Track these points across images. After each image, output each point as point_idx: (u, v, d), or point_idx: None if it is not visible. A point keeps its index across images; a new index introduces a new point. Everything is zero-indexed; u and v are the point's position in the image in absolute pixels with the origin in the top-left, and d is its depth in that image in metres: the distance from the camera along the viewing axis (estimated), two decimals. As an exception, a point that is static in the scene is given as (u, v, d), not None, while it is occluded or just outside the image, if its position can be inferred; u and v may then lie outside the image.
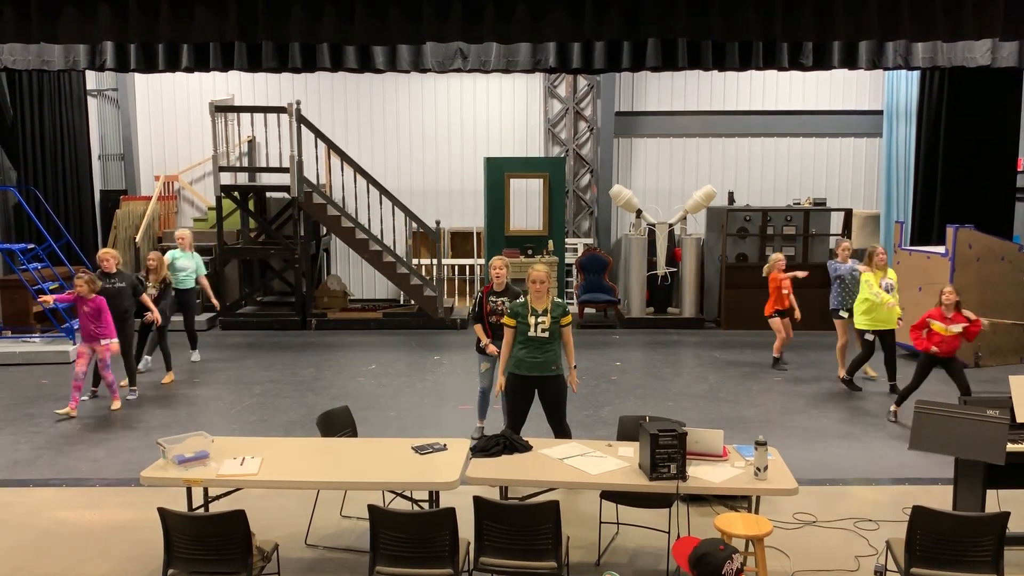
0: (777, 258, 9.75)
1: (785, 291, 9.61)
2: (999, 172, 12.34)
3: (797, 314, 9.71)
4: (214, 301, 10.49)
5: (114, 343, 8.28)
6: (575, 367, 6.30)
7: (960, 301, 7.46)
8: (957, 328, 7.36)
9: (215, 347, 11.44)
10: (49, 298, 8.87)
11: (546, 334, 6.02)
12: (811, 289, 10.64)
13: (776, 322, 9.77)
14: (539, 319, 6.01)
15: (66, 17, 8.47)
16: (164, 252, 9.92)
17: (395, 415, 8.25)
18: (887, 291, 8.46)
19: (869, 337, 8.65)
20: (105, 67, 8.67)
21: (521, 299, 6.16)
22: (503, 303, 6.99)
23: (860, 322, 8.64)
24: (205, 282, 10.23)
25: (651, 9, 8.44)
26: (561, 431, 6.15)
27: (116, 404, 8.45)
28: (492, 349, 7.01)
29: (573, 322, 6.30)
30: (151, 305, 8.97)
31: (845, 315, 9.11)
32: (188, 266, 9.97)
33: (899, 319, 8.55)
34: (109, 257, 8.74)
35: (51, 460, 7.03)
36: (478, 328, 7.15)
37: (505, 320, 6.16)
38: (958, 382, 7.60)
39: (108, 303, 8.46)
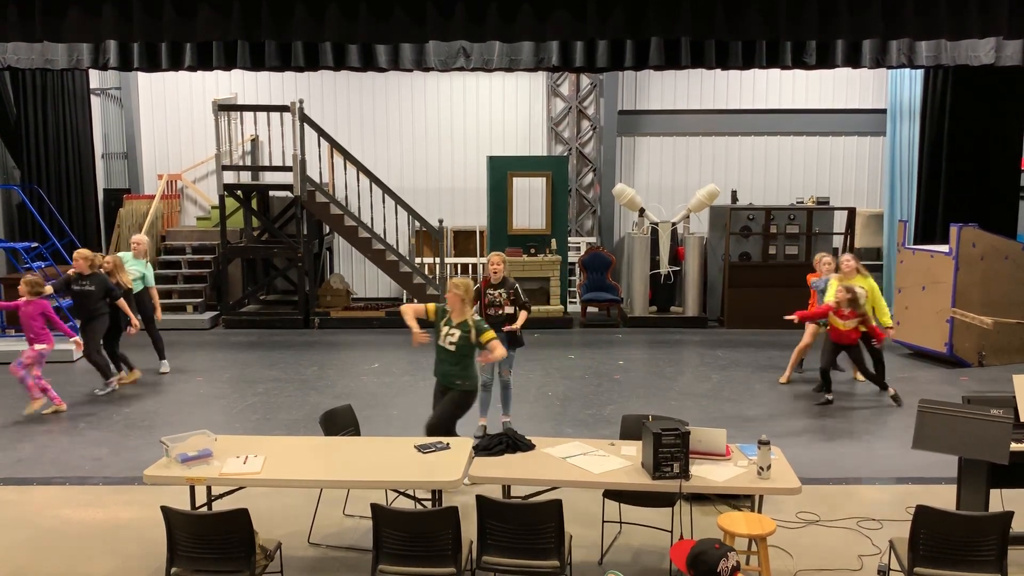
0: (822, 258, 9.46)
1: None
2: (1003, 171, 12.32)
3: None
4: (134, 322, 9.08)
5: (44, 348, 8.14)
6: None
7: (854, 299, 8.00)
8: (852, 323, 8.09)
9: (218, 346, 11.46)
10: None
11: (452, 347, 5.90)
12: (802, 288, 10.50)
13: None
14: (450, 331, 5.92)
15: (70, 16, 8.49)
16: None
17: (398, 414, 8.25)
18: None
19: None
20: (108, 66, 8.70)
21: (443, 304, 6.06)
22: (500, 295, 7.25)
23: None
24: (154, 293, 9.61)
25: (654, 8, 8.44)
26: (434, 428, 5.98)
27: (35, 406, 8.10)
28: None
29: (579, 321, 6.30)
30: (127, 310, 8.78)
31: (823, 327, 8.89)
32: (134, 273, 9.37)
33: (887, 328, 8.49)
34: (79, 258, 8.60)
35: (54, 458, 7.04)
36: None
37: (428, 305, 6.11)
38: (856, 362, 8.54)
39: (77, 304, 8.46)
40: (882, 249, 13.73)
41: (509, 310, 7.24)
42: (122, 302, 8.81)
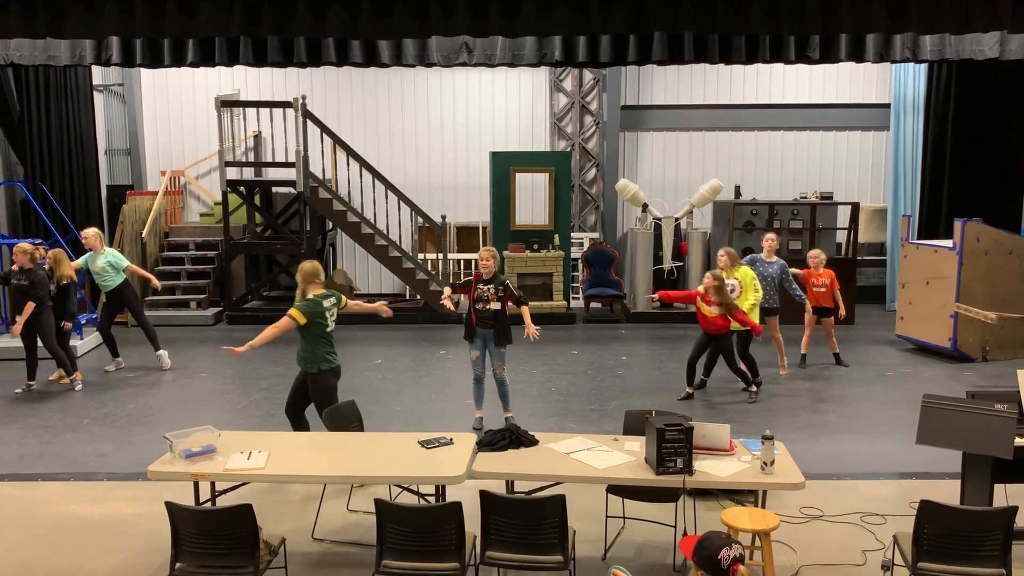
0: (810, 255, 9.78)
1: (816, 287, 9.54)
2: (1007, 165, 12.29)
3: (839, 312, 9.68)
4: (155, 283, 9.87)
5: None
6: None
7: (719, 287, 8.01)
8: (717, 311, 8.06)
9: (221, 342, 11.44)
10: None
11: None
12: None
13: (808, 318, 9.68)
14: None
15: (72, 12, 8.49)
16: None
17: (401, 409, 8.26)
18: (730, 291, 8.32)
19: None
20: (111, 62, 8.69)
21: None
22: (488, 290, 7.24)
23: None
24: (135, 268, 9.65)
25: (657, 2, 8.41)
26: (297, 423, 6.42)
27: None
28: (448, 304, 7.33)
29: (582, 317, 6.35)
30: (21, 317, 8.44)
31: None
32: (103, 267, 9.34)
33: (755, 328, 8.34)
34: (18, 252, 8.52)
35: (58, 454, 7.06)
36: (448, 290, 7.40)
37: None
38: (713, 357, 8.68)
39: (16, 300, 8.55)
40: (886, 244, 13.71)
41: (495, 306, 7.23)
42: (29, 306, 8.41)
